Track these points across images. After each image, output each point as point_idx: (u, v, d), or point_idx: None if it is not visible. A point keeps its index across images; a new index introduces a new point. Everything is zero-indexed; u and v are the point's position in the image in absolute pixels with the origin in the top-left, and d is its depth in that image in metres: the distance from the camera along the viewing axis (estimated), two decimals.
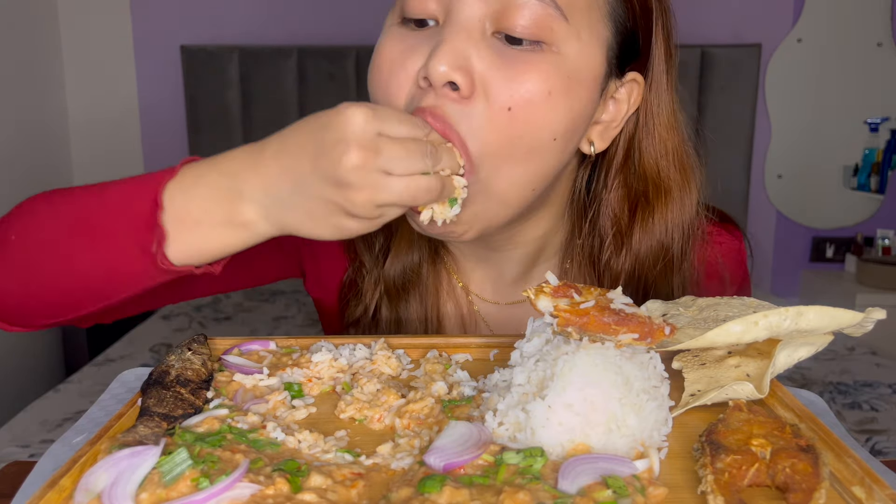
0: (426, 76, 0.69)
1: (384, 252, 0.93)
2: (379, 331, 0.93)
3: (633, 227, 0.85)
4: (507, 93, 0.69)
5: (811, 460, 0.54)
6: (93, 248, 0.69)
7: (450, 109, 0.69)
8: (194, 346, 0.72)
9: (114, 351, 2.48)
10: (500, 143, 0.70)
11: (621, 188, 0.84)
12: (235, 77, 3.06)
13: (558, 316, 0.62)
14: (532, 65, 0.69)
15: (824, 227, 3.38)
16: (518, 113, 0.69)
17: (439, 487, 0.51)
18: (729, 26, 3.17)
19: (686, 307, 0.73)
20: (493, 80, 0.69)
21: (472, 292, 0.96)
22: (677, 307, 0.73)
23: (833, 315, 0.63)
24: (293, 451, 0.59)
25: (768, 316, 0.62)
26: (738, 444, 0.56)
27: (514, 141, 0.71)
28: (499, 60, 0.69)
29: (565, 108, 0.72)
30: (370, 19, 3.05)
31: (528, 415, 0.58)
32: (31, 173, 2.94)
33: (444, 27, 0.70)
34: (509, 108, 0.69)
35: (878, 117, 3.25)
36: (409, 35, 0.73)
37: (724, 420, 0.60)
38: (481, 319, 0.96)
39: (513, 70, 0.69)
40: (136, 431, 0.59)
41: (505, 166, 0.72)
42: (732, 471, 0.53)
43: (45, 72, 3.04)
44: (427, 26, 0.72)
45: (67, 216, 0.71)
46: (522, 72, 0.69)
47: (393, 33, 0.74)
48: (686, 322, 0.70)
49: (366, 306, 0.93)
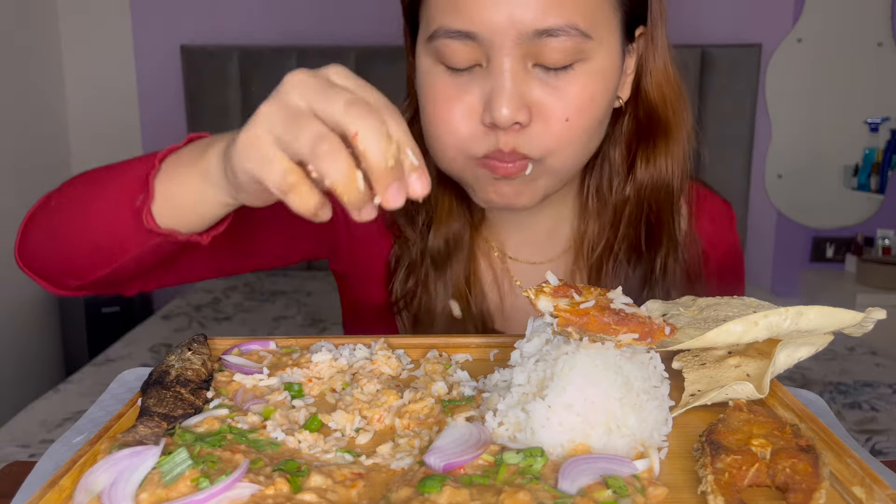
0: (492, 122, 0.79)
1: (427, 224, 0.98)
2: (429, 302, 0.98)
3: (637, 158, 0.94)
4: (561, 110, 0.80)
5: (811, 460, 0.54)
6: (100, 213, 0.76)
7: (518, 142, 0.80)
8: (194, 346, 0.72)
9: (114, 351, 2.48)
10: (561, 145, 0.82)
11: (631, 122, 0.94)
12: (235, 77, 3.06)
13: (558, 316, 0.62)
14: (573, 82, 0.80)
15: (824, 227, 3.38)
16: (573, 121, 0.81)
17: (439, 487, 0.51)
18: (729, 26, 3.17)
19: (686, 307, 0.73)
20: (546, 105, 0.80)
21: (508, 255, 1.03)
22: (677, 307, 0.73)
23: (833, 315, 0.63)
24: (293, 451, 0.59)
25: (768, 316, 0.62)
26: (739, 444, 0.56)
27: (573, 139, 0.83)
28: (546, 88, 0.80)
29: (605, 98, 0.84)
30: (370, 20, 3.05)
31: (528, 415, 0.58)
32: (31, 172, 2.94)
33: (493, 74, 0.79)
34: (566, 118, 0.81)
35: (878, 117, 3.25)
36: (455, 78, 0.82)
37: (724, 420, 0.60)
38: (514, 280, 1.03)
39: (560, 91, 0.80)
40: (136, 431, 0.59)
41: (564, 153, 0.83)
42: (732, 471, 0.53)
43: (44, 72, 3.04)
44: (470, 69, 0.81)
45: (91, 181, 0.80)
46: (567, 91, 0.80)
47: (441, 78, 0.82)
48: (686, 322, 0.70)
49: (417, 279, 0.98)
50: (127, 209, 0.73)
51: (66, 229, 0.79)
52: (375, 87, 0.61)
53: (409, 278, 0.99)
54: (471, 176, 0.86)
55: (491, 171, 0.83)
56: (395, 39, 1.00)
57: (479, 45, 0.78)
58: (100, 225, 0.76)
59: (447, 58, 0.80)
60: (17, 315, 2.79)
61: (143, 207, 0.71)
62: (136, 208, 0.72)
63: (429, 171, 0.57)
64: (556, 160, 0.83)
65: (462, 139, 0.82)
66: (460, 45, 0.79)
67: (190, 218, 0.72)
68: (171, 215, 0.72)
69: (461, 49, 0.79)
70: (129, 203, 0.72)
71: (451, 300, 0.64)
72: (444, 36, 0.79)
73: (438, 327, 0.97)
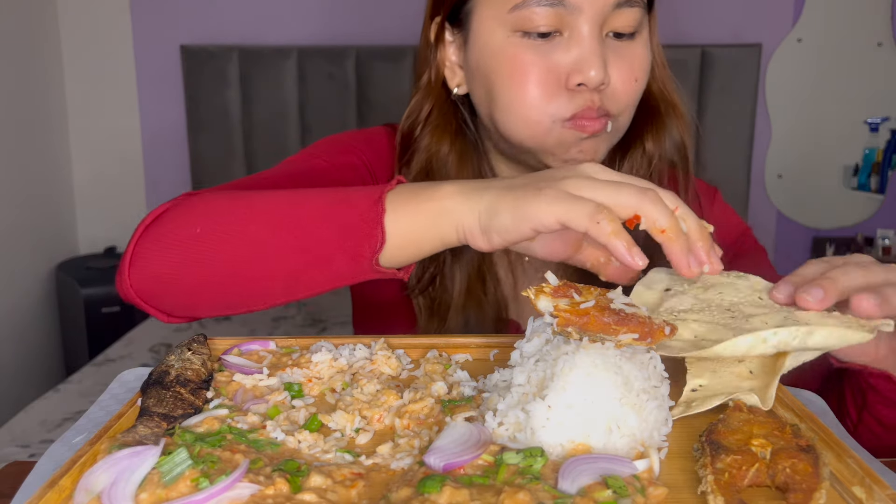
0: (582, 83, 0.88)
1: None
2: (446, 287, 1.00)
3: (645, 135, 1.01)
4: (631, 72, 0.91)
5: (811, 460, 0.54)
6: (301, 246, 0.75)
7: (603, 100, 0.90)
8: (194, 346, 0.72)
9: (114, 351, 2.48)
10: (630, 101, 0.93)
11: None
12: (235, 77, 3.06)
13: (558, 316, 0.62)
14: (637, 48, 0.92)
15: (824, 227, 3.38)
16: (640, 82, 0.93)
17: (439, 487, 0.51)
18: (729, 26, 3.17)
19: (690, 283, 0.73)
20: (621, 67, 0.91)
21: None
22: (682, 283, 0.73)
23: (842, 335, 0.63)
24: (293, 451, 0.59)
25: (778, 333, 0.62)
26: (739, 444, 0.56)
27: (636, 100, 0.95)
28: (618, 52, 0.91)
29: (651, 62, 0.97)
30: (370, 20, 3.05)
31: (528, 415, 0.58)
32: (31, 172, 2.94)
33: (578, 40, 0.88)
34: (636, 79, 0.92)
35: (878, 117, 3.25)
36: (537, 45, 0.89)
37: (724, 420, 0.60)
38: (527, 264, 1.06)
39: (629, 56, 0.92)
40: (136, 431, 0.59)
41: (628, 113, 0.95)
42: (732, 471, 0.53)
43: (44, 72, 3.04)
44: (549, 36, 0.89)
45: (267, 214, 0.77)
46: (634, 55, 0.92)
47: (521, 44, 0.89)
48: (689, 304, 0.69)
49: (436, 265, 1.00)
50: (342, 252, 0.73)
51: (239, 269, 0.77)
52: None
53: (429, 264, 1.00)
54: (555, 139, 0.91)
55: (580, 130, 0.90)
56: (395, 39, 1.01)
57: (566, 12, 0.87)
58: (296, 265, 0.75)
59: (533, 25, 0.87)
60: (17, 315, 2.79)
61: (375, 252, 0.72)
62: (361, 253, 0.72)
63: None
64: (623, 118, 0.94)
65: (549, 102, 0.89)
66: (548, 13, 0.87)
67: (410, 258, 0.75)
68: (393, 259, 0.74)
69: (548, 17, 0.87)
70: (346, 247, 0.73)
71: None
72: (534, 4, 0.87)
73: (454, 311, 0.99)
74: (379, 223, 0.72)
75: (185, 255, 0.78)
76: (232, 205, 0.79)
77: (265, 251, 0.76)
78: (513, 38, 0.89)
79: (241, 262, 0.77)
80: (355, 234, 0.72)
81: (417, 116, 1.02)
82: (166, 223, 0.80)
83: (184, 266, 0.78)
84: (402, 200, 0.73)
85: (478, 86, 0.96)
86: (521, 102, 0.90)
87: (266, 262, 0.76)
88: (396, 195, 0.73)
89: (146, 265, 0.79)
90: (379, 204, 0.72)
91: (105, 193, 3.20)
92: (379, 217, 0.72)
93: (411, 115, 1.03)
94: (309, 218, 0.75)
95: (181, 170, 3.14)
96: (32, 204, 2.93)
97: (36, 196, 2.96)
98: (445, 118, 1.01)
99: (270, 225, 0.76)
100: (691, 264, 0.66)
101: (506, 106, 0.92)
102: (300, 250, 0.75)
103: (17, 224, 2.80)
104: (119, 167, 3.20)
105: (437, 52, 0.99)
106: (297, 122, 3.02)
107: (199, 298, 0.80)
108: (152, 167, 3.20)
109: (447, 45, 0.98)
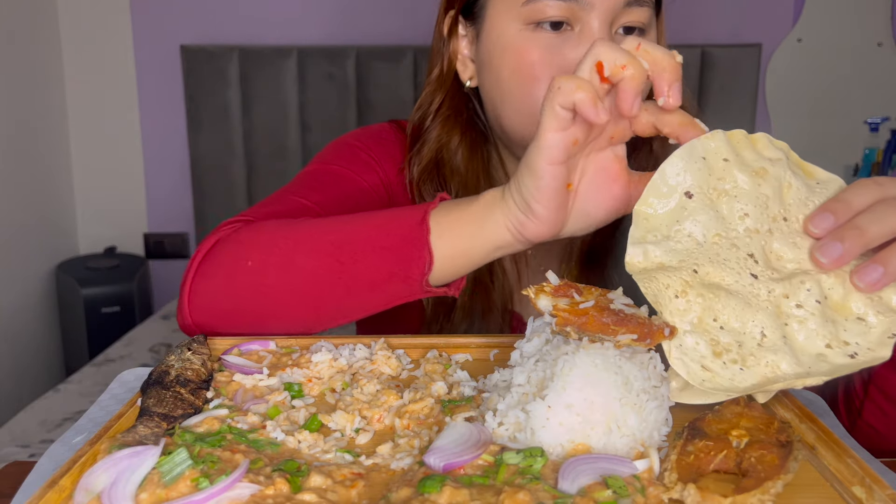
0: None
1: None
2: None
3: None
4: None
5: (782, 454, 0.54)
6: (351, 274, 0.77)
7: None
8: (194, 346, 0.72)
9: (114, 351, 2.48)
10: None
11: None
12: (235, 77, 3.05)
13: (557, 315, 0.62)
14: None
15: None
16: None
17: (439, 487, 0.51)
18: (729, 26, 3.17)
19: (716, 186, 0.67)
20: None
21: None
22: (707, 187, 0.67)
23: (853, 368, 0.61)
24: (293, 451, 0.59)
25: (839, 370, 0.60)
26: (719, 432, 0.57)
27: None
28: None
29: None
30: (370, 20, 3.05)
31: (528, 415, 0.58)
32: (31, 172, 2.94)
33: (587, 34, 0.87)
34: None
35: (878, 117, 3.25)
36: (548, 39, 0.89)
37: (717, 410, 0.60)
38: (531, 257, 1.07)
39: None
40: (136, 431, 0.59)
41: None
42: (700, 454, 0.54)
43: (44, 71, 3.04)
44: (560, 29, 0.89)
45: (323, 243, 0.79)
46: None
47: (532, 38, 0.90)
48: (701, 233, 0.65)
49: None
50: (391, 276, 0.75)
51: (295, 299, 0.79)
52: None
53: None
54: None
55: None
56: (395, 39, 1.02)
57: (578, 7, 0.87)
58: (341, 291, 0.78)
59: (545, 16, 0.88)
60: (17, 315, 2.78)
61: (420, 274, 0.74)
62: (412, 275, 0.75)
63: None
64: None
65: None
66: (561, 7, 0.87)
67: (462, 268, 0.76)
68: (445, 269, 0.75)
69: (560, 10, 0.87)
70: (399, 270, 0.75)
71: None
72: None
73: (462, 302, 1.00)
74: (426, 244, 0.73)
75: (238, 289, 0.81)
76: (278, 235, 0.82)
77: (316, 280, 0.78)
78: (524, 31, 0.90)
79: (294, 293, 0.79)
80: (404, 258, 0.74)
81: (428, 108, 1.04)
82: (217, 256, 0.83)
83: (238, 299, 0.81)
84: (444, 213, 0.74)
85: (487, 79, 0.96)
86: (529, 96, 0.90)
87: (318, 291, 0.78)
88: (439, 212, 0.75)
89: (203, 301, 0.82)
90: (423, 224, 0.74)
91: (105, 193, 3.20)
92: (425, 238, 0.73)
93: (422, 107, 1.05)
94: (357, 244, 0.78)
95: (181, 170, 3.14)
96: (32, 204, 2.93)
97: (36, 196, 2.96)
98: (456, 110, 1.02)
99: (318, 253, 0.79)
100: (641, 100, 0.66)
101: (512, 100, 0.92)
102: (351, 278, 0.77)
103: (18, 224, 2.80)
104: (119, 167, 3.20)
105: (449, 45, 1.00)
106: (297, 122, 3.02)
107: (258, 329, 0.82)
108: (152, 167, 3.20)
109: (460, 39, 1.00)
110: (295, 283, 0.79)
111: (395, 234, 0.76)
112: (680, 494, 0.51)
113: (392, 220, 0.78)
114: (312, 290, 0.79)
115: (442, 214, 0.75)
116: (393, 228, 0.76)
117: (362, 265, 0.77)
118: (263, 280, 0.80)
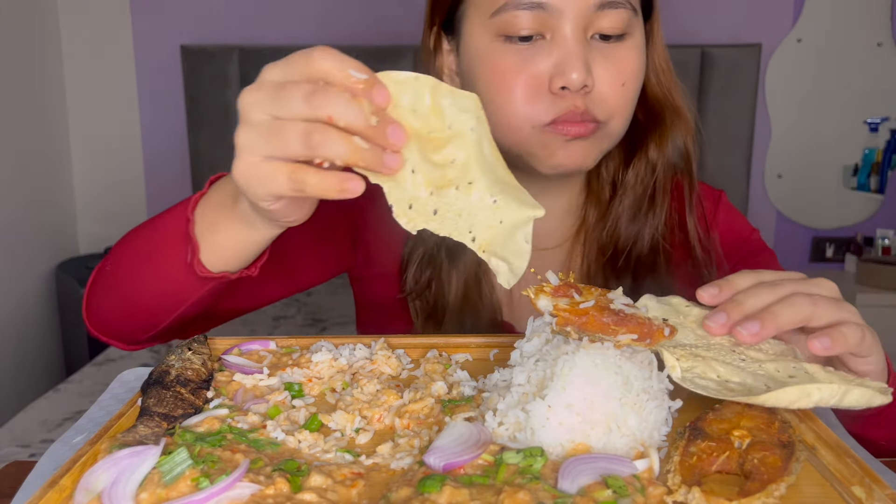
0: (564, 86, 0.85)
1: None
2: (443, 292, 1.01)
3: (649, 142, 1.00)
4: (619, 76, 0.89)
5: (784, 455, 0.54)
6: (154, 270, 0.81)
7: (586, 102, 0.88)
8: (194, 346, 0.72)
9: (114, 351, 2.48)
10: (619, 108, 0.90)
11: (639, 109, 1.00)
12: (235, 77, 3.05)
13: (557, 315, 0.62)
14: (625, 51, 0.89)
15: (824, 227, 3.38)
16: (628, 85, 0.90)
17: (439, 487, 0.51)
18: (729, 26, 3.17)
19: (684, 315, 0.69)
20: (606, 70, 0.88)
21: None
22: (678, 314, 0.69)
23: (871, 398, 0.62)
24: (293, 451, 0.59)
25: (822, 390, 0.61)
26: (720, 432, 0.57)
27: (627, 104, 0.92)
28: (604, 55, 0.88)
29: (644, 71, 0.94)
30: (370, 20, 3.05)
31: (528, 415, 0.58)
32: (31, 172, 2.94)
33: (560, 43, 0.86)
34: (623, 83, 0.89)
35: (878, 117, 3.25)
36: (519, 50, 0.87)
37: (717, 409, 0.60)
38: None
39: (616, 59, 0.89)
40: (136, 431, 0.59)
41: (621, 117, 0.92)
42: (703, 455, 0.54)
43: (44, 72, 3.04)
44: (531, 40, 0.87)
45: (137, 246, 0.85)
46: (622, 58, 0.89)
47: (502, 49, 0.88)
48: (693, 339, 0.66)
49: (432, 270, 1.01)
50: (177, 264, 0.77)
51: (126, 291, 0.85)
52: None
53: (425, 269, 1.01)
54: (537, 144, 0.89)
55: (563, 134, 0.88)
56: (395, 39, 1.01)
57: (547, 15, 0.85)
58: (156, 281, 0.81)
59: (514, 29, 0.86)
60: (17, 315, 2.79)
61: (193, 260, 0.75)
62: (187, 262, 0.76)
63: None
64: (615, 124, 0.91)
65: (530, 107, 0.88)
66: (529, 17, 0.85)
67: (239, 257, 0.76)
68: (220, 259, 0.76)
69: (529, 20, 0.85)
70: (178, 259, 0.77)
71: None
72: (514, 8, 0.85)
73: (451, 316, 0.99)
74: (189, 237, 0.75)
75: (102, 291, 0.88)
76: (125, 241, 0.88)
77: (141, 278, 0.83)
78: (495, 42, 0.88)
79: (136, 291, 0.84)
80: (179, 246, 0.77)
81: None
82: (99, 268, 0.90)
83: (105, 299, 0.88)
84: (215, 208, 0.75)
85: None
86: (501, 108, 0.89)
87: (146, 287, 0.83)
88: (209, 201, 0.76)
89: (89, 307, 0.90)
90: (188, 215, 0.76)
91: (105, 193, 3.20)
92: (190, 230, 0.75)
93: None
94: (156, 235, 0.82)
95: (181, 170, 3.14)
96: (32, 204, 2.93)
97: (36, 196, 2.96)
98: None
99: (142, 254, 0.84)
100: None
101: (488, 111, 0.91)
102: (157, 271, 0.81)
103: (18, 224, 2.80)
104: (119, 167, 3.20)
105: (436, 60, 0.99)
106: None
107: (127, 325, 0.88)
108: (152, 167, 3.20)
109: (445, 54, 0.99)
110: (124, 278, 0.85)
111: (172, 225, 0.78)
112: (684, 497, 0.51)
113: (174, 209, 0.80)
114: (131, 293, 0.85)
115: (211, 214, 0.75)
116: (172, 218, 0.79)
117: (161, 256, 0.80)
118: (113, 281, 0.87)
